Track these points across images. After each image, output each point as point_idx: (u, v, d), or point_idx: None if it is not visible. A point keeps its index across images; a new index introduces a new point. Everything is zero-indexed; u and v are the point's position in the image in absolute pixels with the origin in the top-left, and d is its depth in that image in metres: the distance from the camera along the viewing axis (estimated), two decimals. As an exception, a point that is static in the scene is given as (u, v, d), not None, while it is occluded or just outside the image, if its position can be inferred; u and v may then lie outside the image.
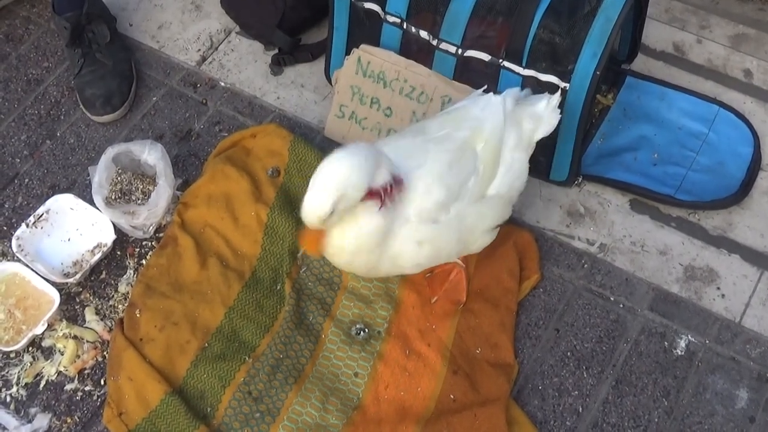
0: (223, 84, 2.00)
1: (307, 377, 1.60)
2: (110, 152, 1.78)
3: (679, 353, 1.62)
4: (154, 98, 1.98)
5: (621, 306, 1.68)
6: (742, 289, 1.68)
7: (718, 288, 1.69)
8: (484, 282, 1.70)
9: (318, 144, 1.89)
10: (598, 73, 1.62)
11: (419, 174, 1.42)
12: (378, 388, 1.59)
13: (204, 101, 1.97)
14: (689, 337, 1.64)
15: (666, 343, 1.63)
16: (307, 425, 1.54)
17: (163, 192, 1.75)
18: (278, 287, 1.71)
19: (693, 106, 1.88)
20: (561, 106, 1.66)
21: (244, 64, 2.02)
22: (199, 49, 2.05)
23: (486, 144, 1.48)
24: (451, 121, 1.49)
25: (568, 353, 1.63)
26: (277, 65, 2.00)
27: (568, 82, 1.65)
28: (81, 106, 1.95)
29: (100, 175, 1.76)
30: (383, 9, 1.77)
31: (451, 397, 1.58)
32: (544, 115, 1.55)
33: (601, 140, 1.87)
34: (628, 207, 1.79)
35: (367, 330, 1.65)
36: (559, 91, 1.57)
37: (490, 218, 1.54)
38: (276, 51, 2.01)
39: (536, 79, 1.68)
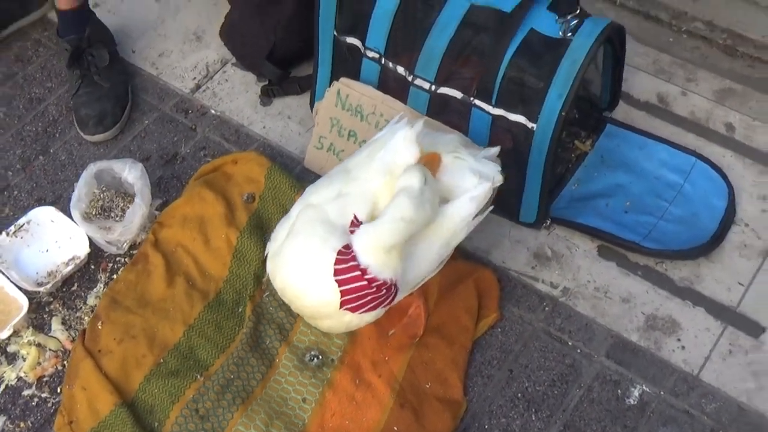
0: (213, 111, 2.02)
1: (255, 399, 1.58)
2: (92, 169, 1.81)
3: (632, 402, 1.56)
4: (147, 121, 2.01)
5: (578, 351, 1.62)
6: (703, 342, 1.62)
7: (679, 339, 1.63)
8: (442, 318, 1.66)
9: (297, 174, 1.89)
10: (563, 114, 1.60)
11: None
12: (324, 416, 1.56)
13: (193, 127, 2.00)
14: (644, 387, 1.57)
15: (619, 391, 1.57)
16: (248, 448, 1.52)
17: (138, 210, 1.76)
18: (240, 309, 1.70)
19: (671, 157, 1.84)
20: (528, 147, 1.65)
21: (236, 94, 2.04)
22: (195, 78, 2.08)
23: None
24: (366, 159, 1.48)
25: (519, 394, 1.58)
26: (267, 96, 2.02)
27: (536, 123, 1.63)
28: (75, 125, 1.99)
29: (80, 190, 1.79)
30: (363, 44, 1.78)
31: (395, 429, 1.54)
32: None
33: (575, 185, 1.84)
34: (595, 253, 1.75)
35: (321, 357, 1.63)
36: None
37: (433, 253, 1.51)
38: (266, 82, 2.03)
39: (506, 118, 1.66)
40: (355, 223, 1.42)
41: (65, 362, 1.65)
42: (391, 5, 1.72)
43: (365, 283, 1.39)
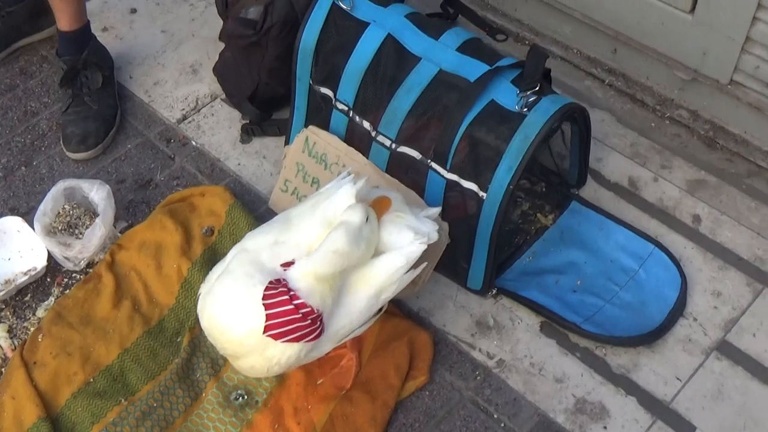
0: (194, 143, 2.07)
1: (174, 430, 1.60)
2: (60, 186, 1.86)
3: (545, 485, 1.54)
4: (129, 146, 2.07)
5: (502, 425, 1.61)
6: (628, 433, 1.59)
7: (605, 427, 1.60)
8: (371, 374, 1.66)
9: (261, 213, 1.92)
10: (511, 187, 1.60)
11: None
12: (238, 456, 1.57)
13: (172, 156, 2.05)
14: (560, 471, 1.55)
15: (534, 471, 1.55)
16: (156, 478, 1.53)
17: (97, 231, 1.81)
18: (179, 339, 1.73)
19: (629, 242, 1.82)
20: (477, 215, 1.66)
21: (219, 129, 2.09)
22: (184, 109, 2.14)
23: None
24: (309, 210, 1.51)
25: (434, 461, 1.57)
26: (246, 134, 2.06)
27: (486, 192, 1.63)
28: (61, 141, 2.06)
29: (46, 204, 1.85)
30: (335, 96, 1.81)
31: (304, 479, 1.54)
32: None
33: (530, 258, 1.83)
34: (537, 328, 1.73)
35: (246, 397, 1.64)
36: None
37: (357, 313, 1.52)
38: (248, 121, 2.08)
39: (459, 184, 1.67)
40: (288, 264, 1.44)
41: (2, 370, 1.70)
42: (363, 62, 1.75)
43: (292, 307, 1.40)
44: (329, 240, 1.42)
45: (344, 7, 1.79)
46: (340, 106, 1.81)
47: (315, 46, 1.81)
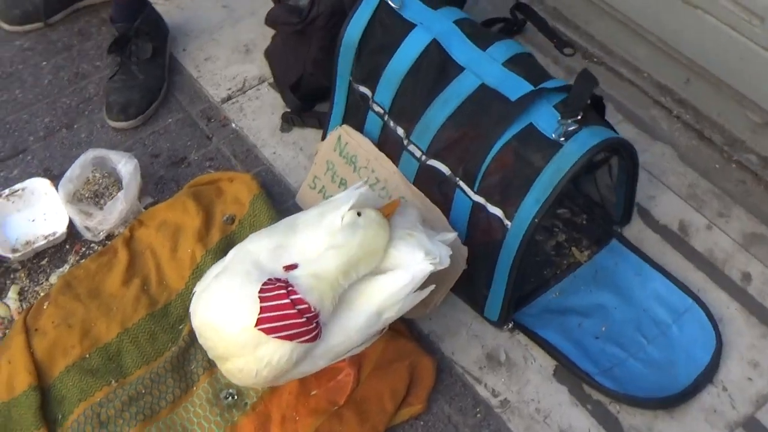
0: (233, 125, 2.03)
1: (158, 419, 1.56)
2: (90, 154, 1.85)
3: None
4: (170, 120, 2.04)
5: (493, 470, 1.52)
6: (627, 501, 1.47)
7: (603, 491, 1.49)
8: (366, 394, 1.59)
9: (287, 207, 1.86)
10: (536, 220, 1.49)
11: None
12: (216, 458, 1.53)
13: (210, 136, 2.01)
14: None
15: None
16: (132, 466, 1.50)
17: (118, 205, 1.79)
18: (180, 327, 1.69)
19: (667, 292, 1.68)
20: (500, 244, 1.55)
21: (261, 114, 2.04)
22: (230, 89, 2.09)
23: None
24: (315, 217, 1.43)
25: (414, 496, 1.49)
26: (287, 123, 2.01)
27: (511, 222, 1.53)
28: (103, 108, 2.04)
29: (73, 171, 1.84)
30: (372, 96, 1.73)
31: (276, 493, 1.49)
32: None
33: (556, 294, 1.71)
34: (551, 371, 1.62)
35: (236, 397, 1.59)
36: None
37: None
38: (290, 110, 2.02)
39: (485, 208, 1.57)
40: (291, 266, 1.38)
41: (7, 331, 1.70)
42: (404, 65, 1.66)
43: (288, 302, 1.33)
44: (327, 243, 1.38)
45: (393, 5, 1.70)
46: (377, 108, 1.73)
47: (358, 42, 1.73)
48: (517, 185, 1.52)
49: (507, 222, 1.54)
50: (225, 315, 1.38)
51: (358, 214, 1.42)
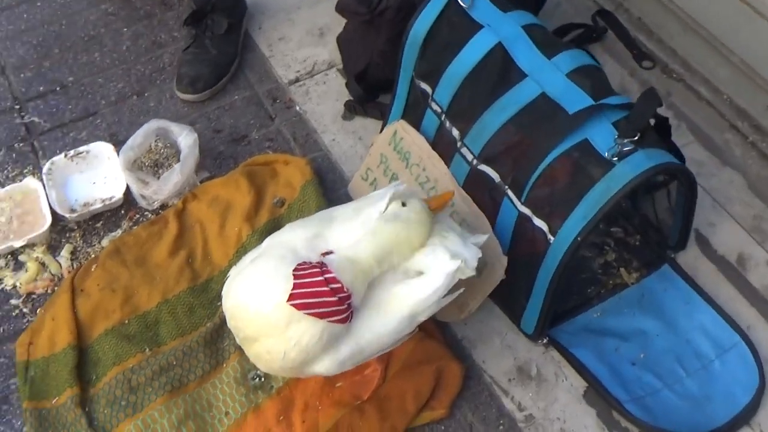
0: (297, 108, 2.04)
1: (185, 393, 1.60)
2: (153, 124, 1.89)
3: None
4: (236, 97, 2.07)
5: (509, 485, 1.50)
6: None
7: None
8: (390, 392, 1.58)
9: (338, 195, 1.87)
10: (579, 239, 1.45)
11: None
12: (236, 437, 1.56)
13: (273, 116, 2.03)
14: None
15: None
16: (153, 435, 1.54)
17: (173, 176, 1.83)
18: (218, 303, 1.72)
19: (715, 326, 1.62)
20: (541, 259, 1.52)
21: (325, 99, 2.05)
22: (299, 71, 2.10)
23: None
24: (352, 213, 1.42)
25: (424, 501, 1.49)
26: (349, 111, 2.01)
27: (554, 237, 1.50)
28: (174, 78, 2.08)
29: (135, 139, 1.88)
30: (432, 94, 1.71)
31: (289, 480, 1.51)
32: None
33: (598, 314, 1.67)
34: (581, 392, 1.58)
35: (263, 379, 1.61)
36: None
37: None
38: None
39: (531, 220, 1.54)
40: (327, 252, 1.38)
41: (55, 288, 1.76)
42: (466, 66, 1.64)
43: (322, 279, 1.33)
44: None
45: (462, 4, 1.67)
46: (435, 107, 1.71)
47: (424, 37, 1.71)
48: (565, 201, 1.48)
49: (550, 237, 1.51)
50: (258, 293, 1.37)
51: (403, 204, 1.41)
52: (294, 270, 1.35)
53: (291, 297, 1.33)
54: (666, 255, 1.73)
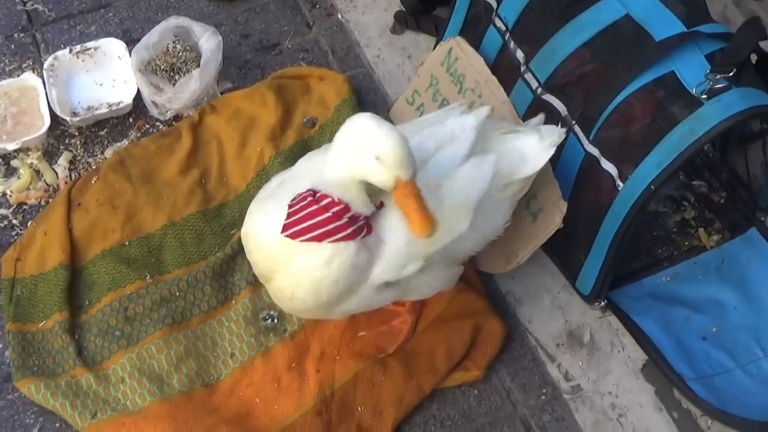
0: (339, 16, 2.05)
1: (187, 328, 1.64)
2: (171, 21, 1.91)
3: None
4: (270, -1, 2.09)
5: (546, 462, 1.53)
6: None
7: None
8: (418, 348, 1.61)
9: (377, 120, 1.88)
10: (652, 187, 1.45)
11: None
12: (241, 381, 1.60)
13: (310, 24, 2.04)
14: None
15: None
16: (149, 370, 1.59)
17: (191, 83, 1.85)
18: (232, 231, 1.75)
19: (804, 301, 1.63)
20: (607, 208, 1.53)
21: (373, 8, 2.05)
22: (346, -28, 2.11)
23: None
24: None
25: (449, 472, 1.52)
26: (400, 24, 2.01)
27: (624, 183, 1.50)
28: (202, -29, 2.10)
29: (150, 37, 1.90)
30: (497, 9, 1.71)
31: (297, 434, 1.55)
32: (528, 152, 1.47)
33: (668, 278, 1.68)
34: (638, 366, 1.60)
35: (276, 320, 1.65)
36: (559, 130, 1.50)
37: (432, 278, 1.47)
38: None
39: (598, 162, 1.54)
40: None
41: (50, 199, 1.80)
42: (538, -24, 1.64)
43: (313, 200, 1.34)
44: None
45: None
46: (498, 24, 1.71)
47: (493, -60, 1.71)
48: (640, 142, 1.48)
49: (619, 183, 1.51)
50: (269, 224, 1.39)
51: None
52: (289, 206, 1.36)
53: (284, 228, 1.35)
54: (755, 217, 1.73)
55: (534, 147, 1.47)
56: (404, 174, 1.26)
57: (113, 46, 1.97)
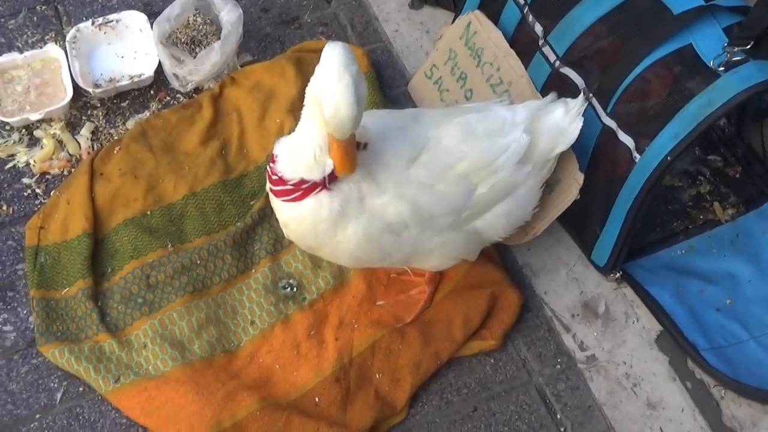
0: (359, -10, 2.07)
1: (208, 295, 1.67)
2: (193, -6, 1.94)
3: None
4: (290, -30, 2.10)
5: (562, 429, 1.55)
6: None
7: (681, 482, 1.50)
8: (435, 316, 1.64)
9: (395, 94, 1.91)
10: (669, 158, 1.47)
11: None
12: (261, 348, 1.63)
13: (330, -1, 2.07)
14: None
15: (572, 496, 1.49)
16: (171, 337, 1.62)
17: (212, 56, 1.87)
18: (252, 202, 1.78)
19: (818, 275, 1.64)
20: (623, 180, 1.55)
21: (392, -17, 2.07)
22: (368, -55, 2.12)
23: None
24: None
25: (466, 437, 1.55)
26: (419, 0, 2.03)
27: (640, 155, 1.52)
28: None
29: (172, 10, 1.93)
30: (516, -18, 1.73)
31: (316, 399, 1.57)
32: (562, 124, 1.50)
33: (683, 251, 1.70)
34: (653, 336, 1.62)
35: (295, 289, 1.68)
36: (582, 96, 1.54)
37: (455, 249, 1.50)
38: (425, -16, 2.04)
39: (615, 134, 1.56)
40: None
41: (72, 169, 1.83)
42: (557, -50, 1.65)
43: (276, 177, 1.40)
44: None
45: None
46: (518, -3, 1.73)
47: None
48: (657, 114, 1.50)
49: (636, 155, 1.53)
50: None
51: None
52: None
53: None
54: (769, 192, 1.75)
55: (563, 119, 1.50)
56: (338, 135, 1.28)
57: (135, 18, 1.99)
